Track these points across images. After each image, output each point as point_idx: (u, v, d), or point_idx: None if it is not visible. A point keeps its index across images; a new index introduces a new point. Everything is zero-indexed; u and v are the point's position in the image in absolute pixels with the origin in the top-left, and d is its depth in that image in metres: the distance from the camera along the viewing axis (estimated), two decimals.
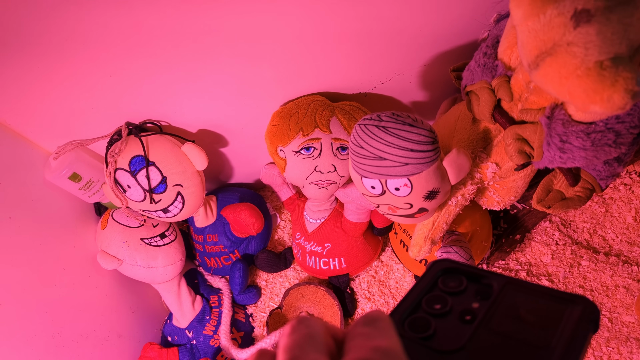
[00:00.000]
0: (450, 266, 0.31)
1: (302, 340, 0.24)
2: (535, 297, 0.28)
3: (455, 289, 0.29)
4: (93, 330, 0.84)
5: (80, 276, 0.85)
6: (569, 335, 0.24)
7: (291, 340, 0.24)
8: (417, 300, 0.29)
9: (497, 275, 0.30)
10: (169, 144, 0.79)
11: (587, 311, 0.26)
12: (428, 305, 0.28)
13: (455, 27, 0.73)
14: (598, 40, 0.44)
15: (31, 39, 0.62)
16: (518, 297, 0.28)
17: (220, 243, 0.94)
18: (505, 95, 0.62)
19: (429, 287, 0.30)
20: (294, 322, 0.25)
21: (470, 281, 0.30)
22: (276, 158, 0.80)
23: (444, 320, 0.27)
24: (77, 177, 0.82)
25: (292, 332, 0.24)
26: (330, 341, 0.25)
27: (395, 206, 0.67)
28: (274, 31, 0.68)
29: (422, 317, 0.28)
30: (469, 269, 0.31)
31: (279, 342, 0.25)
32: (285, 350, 0.24)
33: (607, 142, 0.58)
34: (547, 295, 0.27)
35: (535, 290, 0.28)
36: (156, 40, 0.66)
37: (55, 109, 0.76)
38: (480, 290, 0.29)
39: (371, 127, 0.62)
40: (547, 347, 0.24)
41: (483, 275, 0.30)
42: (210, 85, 0.75)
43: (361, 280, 0.93)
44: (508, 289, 0.28)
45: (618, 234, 0.85)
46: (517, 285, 0.29)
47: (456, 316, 0.28)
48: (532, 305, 0.27)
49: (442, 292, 0.30)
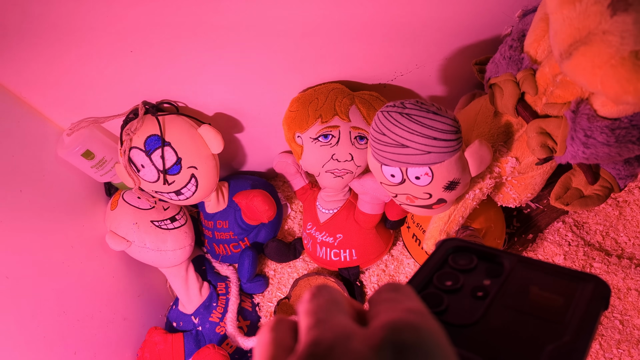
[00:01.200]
0: (460, 244, 0.31)
1: (326, 304, 0.23)
2: (547, 275, 0.28)
3: (465, 267, 0.29)
4: (98, 311, 0.83)
5: (88, 255, 0.84)
6: (582, 311, 0.25)
7: (314, 304, 0.23)
8: (429, 277, 0.29)
9: (508, 254, 0.30)
10: (186, 125, 0.79)
11: (599, 289, 0.26)
12: (439, 282, 0.29)
13: (479, 21, 0.73)
14: (635, 29, 0.44)
15: (55, 12, 0.62)
16: (530, 274, 0.28)
17: (231, 230, 0.93)
18: (530, 88, 0.62)
19: (439, 265, 0.30)
20: (314, 289, 0.25)
21: (481, 259, 0.30)
22: (293, 144, 0.80)
23: (456, 296, 0.28)
24: (90, 155, 0.82)
25: (313, 297, 0.24)
26: (351, 309, 0.24)
27: (414, 196, 0.67)
28: (297, 17, 0.67)
29: (434, 292, 0.28)
30: (479, 247, 0.31)
31: (299, 308, 0.24)
32: (309, 314, 0.23)
33: (631, 139, 0.58)
34: (559, 273, 0.28)
35: (547, 268, 0.28)
36: (180, 18, 0.65)
37: (72, 85, 0.76)
38: (491, 268, 0.29)
39: (394, 114, 0.61)
40: (561, 322, 0.25)
41: (494, 253, 0.30)
42: (229, 69, 0.75)
43: (371, 274, 0.93)
44: (519, 267, 0.29)
45: (631, 237, 0.84)
46: (529, 263, 0.29)
47: (468, 292, 0.28)
48: (545, 283, 0.27)
49: (452, 269, 0.30)
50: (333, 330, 0.22)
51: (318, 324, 0.22)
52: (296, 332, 0.24)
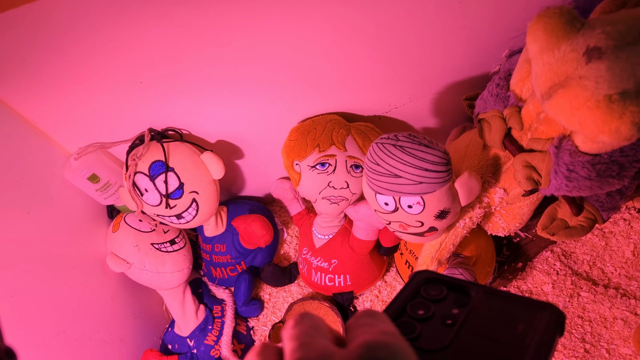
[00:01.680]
0: (431, 276, 0.34)
1: (309, 330, 0.26)
2: (509, 304, 0.31)
3: (436, 297, 0.32)
4: (96, 332, 0.85)
5: (88, 276, 0.86)
6: (540, 336, 0.27)
7: (298, 330, 0.26)
8: (402, 306, 0.32)
9: (474, 285, 0.33)
10: (189, 151, 0.82)
11: (555, 316, 0.29)
12: (412, 311, 0.31)
13: (469, 59, 0.78)
14: (608, 75, 0.48)
15: (68, 40, 0.66)
16: (494, 303, 0.31)
17: (228, 253, 0.96)
18: (516, 124, 0.65)
19: (412, 295, 0.33)
20: (297, 317, 0.27)
21: (450, 290, 0.33)
22: (291, 172, 0.83)
23: (428, 324, 0.30)
24: (96, 179, 0.85)
25: (296, 324, 0.26)
26: (331, 334, 0.27)
27: (407, 224, 0.70)
28: (298, 52, 0.72)
29: (407, 321, 0.30)
30: (448, 279, 0.33)
31: (283, 334, 0.26)
32: (293, 338, 0.25)
33: (611, 174, 0.61)
34: (520, 302, 0.31)
35: (509, 297, 0.31)
36: (187, 54, 0.69)
37: (82, 112, 0.79)
38: (459, 298, 0.32)
39: (388, 145, 0.65)
40: (521, 346, 0.27)
41: (461, 284, 0.33)
42: (232, 99, 0.79)
43: (364, 299, 0.95)
44: (485, 296, 0.31)
45: (617, 268, 0.87)
46: (493, 293, 0.32)
47: (438, 320, 0.30)
48: (507, 311, 0.30)
49: (424, 299, 0.32)
50: (315, 351, 0.24)
51: (302, 347, 0.24)
52: (282, 358, 0.26)
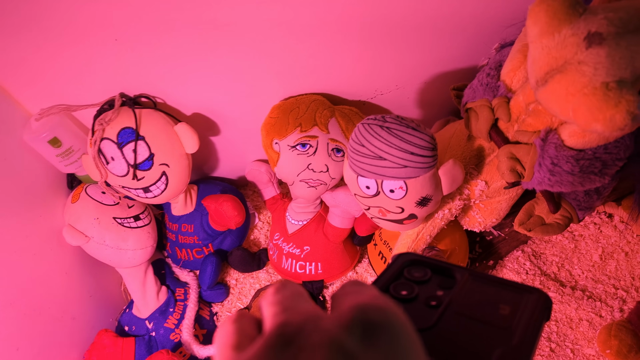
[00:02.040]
0: (414, 258, 0.33)
1: (292, 295, 0.24)
2: (495, 287, 0.30)
3: (420, 279, 0.31)
4: (47, 308, 0.79)
5: (42, 248, 0.80)
6: (527, 318, 0.27)
7: (281, 295, 0.24)
8: (385, 286, 0.30)
9: (459, 268, 0.32)
10: (162, 120, 0.78)
11: (542, 300, 0.28)
12: (395, 291, 0.30)
13: (460, 49, 0.77)
14: (607, 62, 0.48)
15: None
16: (480, 286, 0.30)
17: (195, 234, 0.91)
18: (504, 115, 0.65)
19: (395, 276, 0.31)
20: (278, 283, 0.25)
21: (435, 273, 0.32)
22: (270, 151, 0.80)
23: (411, 305, 0.29)
24: (57, 143, 0.79)
25: (278, 290, 0.24)
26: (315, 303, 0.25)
27: (387, 209, 0.68)
28: (284, 25, 0.69)
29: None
30: (432, 262, 0.32)
31: (262, 302, 0.24)
32: (274, 304, 0.23)
33: (594, 170, 0.61)
34: (506, 285, 0.30)
35: (495, 281, 0.30)
36: (170, 12, 0.65)
37: (46, 68, 0.73)
38: (443, 281, 0.31)
39: (375, 126, 0.63)
40: (508, 328, 0.26)
41: (446, 267, 0.32)
42: (212, 69, 0.75)
43: (334, 289, 0.92)
44: (470, 279, 0.30)
45: (584, 270, 0.88)
46: (479, 277, 0.31)
47: (422, 302, 0.29)
48: (493, 294, 0.29)
49: (407, 280, 0.31)
50: (301, 314, 0.22)
51: (285, 310, 0.22)
52: (260, 327, 0.24)
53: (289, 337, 0.20)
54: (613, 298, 0.84)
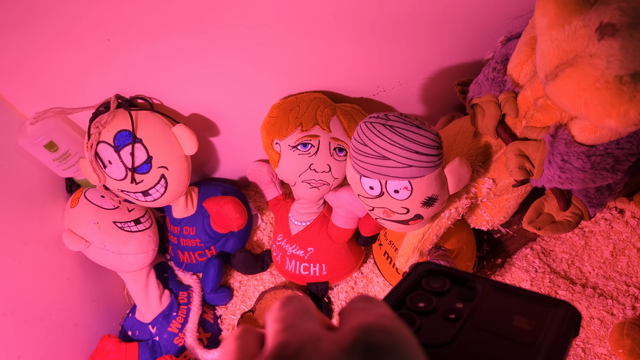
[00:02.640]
0: (433, 268, 0.31)
1: (296, 312, 0.23)
2: (519, 299, 0.28)
3: (438, 290, 0.30)
4: (48, 314, 0.78)
5: (41, 254, 0.79)
6: (554, 335, 0.25)
7: (284, 312, 0.23)
8: (402, 298, 0.29)
9: (481, 279, 0.30)
10: (160, 122, 0.76)
11: (570, 314, 0.26)
12: (412, 303, 0.29)
13: (464, 42, 0.75)
14: (620, 54, 0.45)
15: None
16: (502, 299, 0.28)
17: (197, 237, 0.90)
18: (511, 110, 0.62)
19: (412, 287, 0.30)
20: (285, 298, 0.24)
21: (454, 283, 0.30)
22: (270, 151, 0.78)
23: (428, 317, 0.28)
24: (54, 147, 0.77)
25: (283, 306, 0.24)
26: (321, 319, 0.24)
27: (392, 210, 0.66)
28: (283, 22, 0.67)
29: (406, 313, 0.28)
30: (452, 272, 0.31)
31: (267, 317, 0.24)
32: (277, 320, 0.23)
33: (605, 167, 0.59)
34: (531, 298, 0.28)
35: (519, 293, 0.28)
36: (165, 10, 0.63)
37: (40, 71, 0.72)
38: (463, 292, 0.29)
39: (377, 125, 0.61)
40: (532, 344, 0.25)
41: (467, 277, 0.30)
42: (210, 68, 0.73)
43: (339, 290, 0.91)
44: (492, 291, 0.29)
45: (595, 267, 0.86)
46: (501, 288, 0.29)
47: (440, 314, 0.28)
48: (516, 307, 0.27)
49: (425, 291, 0.30)
50: (302, 333, 0.21)
51: (287, 329, 0.22)
52: (263, 343, 0.23)
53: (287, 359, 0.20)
54: (625, 295, 0.82)
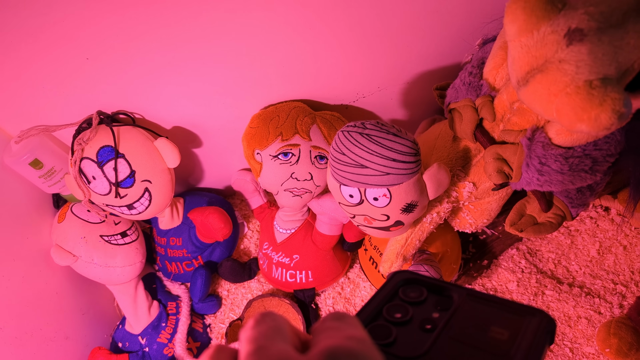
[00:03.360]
0: (410, 277, 0.31)
1: (269, 331, 0.23)
2: (494, 309, 0.28)
3: (415, 299, 0.30)
4: (39, 329, 0.78)
5: (30, 270, 0.79)
6: (528, 345, 0.25)
7: (257, 332, 0.23)
8: (378, 308, 0.29)
9: (457, 287, 0.30)
10: (142, 137, 0.76)
11: (544, 323, 0.26)
12: (389, 314, 0.29)
13: (441, 47, 0.75)
14: (589, 59, 0.45)
15: (4, 8, 0.59)
16: (478, 308, 0.28)
17: (184, 247, 0.90)
18: (488, 114, 0.63)
19: (389, 297, 0.30)
20: (259, 316, 0.24)
21: (431, 292, 0.30)
22: (252, 161, 0.78)
23: (405, 328, 0.28)
24: (39, 164, 0.78)
25: (256, 324, 0.24)
26: (295, 337, 0.24)
27: (372, 217, 0.66)
28: (260, 33, 0.67)
29: (382, 324, 0.28)
30: (428, 280, 0.31)
31: (241, 335, 0.24)
32: (250, 341, 0.23)
33: (584, 168, 0.59)
34: (506, 307, 0.28)
35: (494, 301, 0.29)
36: (141, 26, 0.63)
37: (22, 90, 0.72)
38: (440, 301, 0.29)
39: (354, 134, 0.61)
40: (506, 355, 0.25)
41: (443, 286, 0.30)
42: (189, 81, 0.73)
43: (327, 296, 0.91)
44: (468, 300, 0.29)
45: (582, 266, 0.86)
46: (477, 297, 0.29)
47: (417, 325, 0.28)
48: (492, 316, 0.28)
49: (402, 301, 0.30)
50: (271, 357, 0.21)
51: (258, 351, 0.22)
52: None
53: None
54: (612, 294, 0.82)
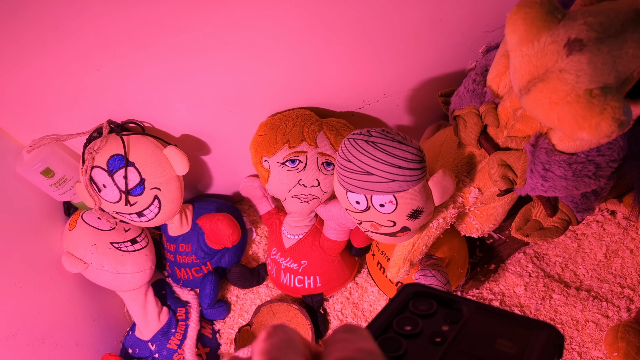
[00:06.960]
0: (420, 290, 0.32)
1: (281, 344, 0.23)
2: (503, 322, 0.29)
3: (425, 312, 0.30)
4: (50, 336, 0.80)
5: (42, 277, 0.81)
6: (536, 359, 0.25)
7: (269, 344, 0.23)
8: (388, 321, 0.29)
9: (466, 301, 0.30)
10: (151, 145, 0.78)
11: (553, 337, 0.27)
12: (399, 326, 0.29)
13: (446, 54, 0.75)
14: (589, 69, 0.46)
15: (18, 22, 0.61)
16: (487, 321, 0.29)
17: (193, 253, 0.91)
18: (492, 121, 0.63)
19: (399, 309, 0.30)
20: (270, 328, 0.25)
21: (440, 305, 0.31)
22: (260, 168, 0.80)
23: (415, 341, 0.28)
24: (50, 173, 0.79)
25: (268, 337, 0.24)
26: (306, 349, 0.25)
27: (379, 223, 0.67)
28: (267, 41, 0.68)
29: (392, 337, 0.28)
30: (438, 293, 0.31)
31: (253, 348, 0.24)
32: (263, 353, 0.23)
33: (587, 174, 0.59)
34: (515, 321, 0.28)
35: (503, 315, 0.29)
36: (149, 38, 0.65)
37: (34, 101, 0.74)
38: (450, 314, 0.30)
39: (360, 141, 0.62)
40: None
41: (453, 299, 0.31)
42: (198, 90, 0.75)
43: (335, 301, 0.92)
44: (477, 313, 0.29)
45: (589, 270, 0.86)
46: (486, 310, 0.30)
47: (426, 338, 0.28)
48: (500, 330, 0.28)
49: (412, 314, 0.30)
50: None
51: None
52: None
53: None
54: (619, 297, 0.82)
